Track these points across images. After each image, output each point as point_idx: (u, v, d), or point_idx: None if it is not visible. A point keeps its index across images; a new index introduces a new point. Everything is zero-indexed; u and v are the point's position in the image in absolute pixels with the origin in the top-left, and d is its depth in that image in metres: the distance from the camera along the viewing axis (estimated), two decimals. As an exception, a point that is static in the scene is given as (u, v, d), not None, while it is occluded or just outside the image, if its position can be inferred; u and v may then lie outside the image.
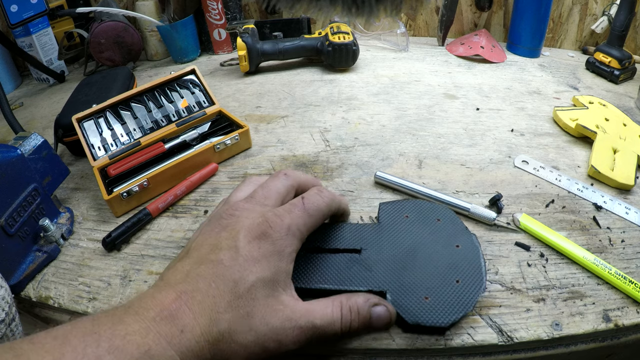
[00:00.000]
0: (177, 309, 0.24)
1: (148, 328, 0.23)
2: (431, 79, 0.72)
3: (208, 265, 0.26)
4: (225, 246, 0.28)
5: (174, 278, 0.26)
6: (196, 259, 0.27)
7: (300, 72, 0.77)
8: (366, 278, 0.33)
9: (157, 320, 0.23)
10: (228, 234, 0.29)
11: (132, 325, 0.23)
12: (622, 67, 0.70)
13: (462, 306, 0.31)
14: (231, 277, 0.26)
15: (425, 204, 0.40)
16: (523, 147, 0.53)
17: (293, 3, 0.20)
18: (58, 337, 0.21)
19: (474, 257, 0.34)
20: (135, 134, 0.53)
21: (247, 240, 0.28)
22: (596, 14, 0.81)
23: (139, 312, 0.23)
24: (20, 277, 0.38)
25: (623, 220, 0.42)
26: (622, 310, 0.34)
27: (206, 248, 0.28)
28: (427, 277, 0.33)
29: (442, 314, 0.30)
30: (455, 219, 0.38)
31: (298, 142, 0.56)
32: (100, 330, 0.22)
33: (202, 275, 0.26)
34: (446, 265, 0.34)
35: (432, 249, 0.35)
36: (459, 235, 0.36)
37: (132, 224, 0.42)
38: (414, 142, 0.55)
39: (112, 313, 0.24)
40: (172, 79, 0.57)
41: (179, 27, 0.80)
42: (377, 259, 0.34)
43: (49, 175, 0.43)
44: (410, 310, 0.31)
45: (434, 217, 0.38)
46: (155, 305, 0.24)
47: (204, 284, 0.25)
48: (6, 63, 0.82)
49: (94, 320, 0.23)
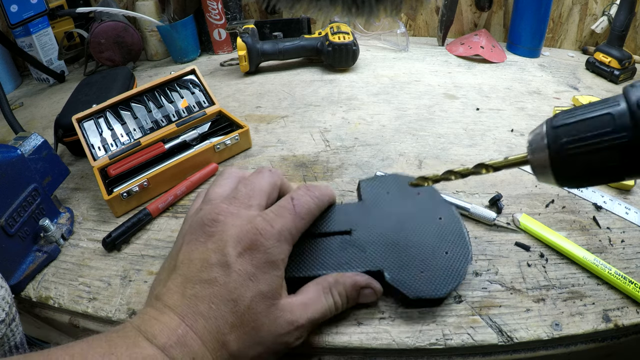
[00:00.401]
0: (184, 335, 0.23)
1: (163, 354, 0.23)
2: (431, 79, 0.72)
3: (203, 286, 0.25)
4: (216, 262, 0.26)
5: (170, 299, 0.25)
6: (187, 277, 0.26)
7: (300, 72, 0.77)
8: (362, 259, 0.33)
9: (167, 347, 0.23)
10: (215, 246, 0.27)
11: (147, 349, 0.22)
12: (622, 67, 0.70)
13: (455, 276, 0.32)
14: (229, 297, 0.25)
15: (403, 178, 0.40)
16: (523, 147, 0.53)
17: (293, 3, 0.20)
18: (75, 355, 0.21)
19: (457, 228, 0.35)
20: (135, 134, 0.53)
21: (237, 252, 0.27)
22: (596, 14, 0.81)
23: (149, 337, 0.23)
24: (21, 277, 0.38)
25: (623, 220, 0.42)
26: (622, 310, 0.34)
27: (196, 265, 0.26)
28: (419, 251, 0.34)
29: (438, 286, 0.32)
30: (433, 192, 0.39)
31: (298, 142, 0.56)
32: (118, 352, 0.22)
33: (199, 296, 0.25)
34: (434, 238, 0.35)
35: (418, 223, 0.36)
36: (440, 208, 0.37)
37: (132, 224, 0.42)
38: (414, 142, 0.55)
39: (124, 335, 0.23)
40: (172, 79, 0.57)
41: (179, 27, 0.80)
42: (369, 239, 0.35)
43: (49, 175, 0.43)
44: (409, 285, 0.32)
45: (414, 191, 0.39)
46: (162, 330, 0.23)
47: (204, 307, 0.25)
48: (6, 63, 0.82)
49: (109, 341, 0.23)
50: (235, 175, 0.34)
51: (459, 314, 0.33)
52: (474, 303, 0.34)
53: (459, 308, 0.34)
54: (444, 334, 0.32)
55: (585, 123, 0.22)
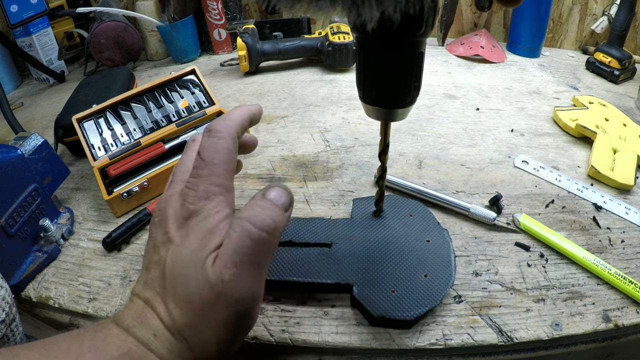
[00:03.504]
0: (145, 314, 0.25)
1: (126, 333, 0.24)
2: (431, 79, 0.72)
3: (156, 269, 0.26)
4: (161, 242, 0.27)
5: (137, 289, 0.27)
6: (146, 265, 0.27)
7: (300, 72, 0.77)
8: (334, 271, 0.33)
9: (132, 326, 0.24)
10: (161, 230, 0.27)
11: (113, 329, 0.24)
12: (622, 67, 0.70)
13: (429, 300, 0.31)
14: (175, 271, 0.25)
15: (398, 199, 0.40)
16: (523, 147, 0.53)
17: (293, 3, 0.20)
18: (47, 339, 0.23)
19: (445, 252, 0.35)
20: (135, 134, 0.53)
21: (176, 226, 0.27)
22: (596, 14, 0.81)
23: (117, 321, 0.25)
24: (21, 278, 0.38)
25: (623, 221, 0.42)
26: (622, 310, 0.34)
27: (149, 252, 0.28)
28: (396, 270, 0.33)
29: (408, 307, 0.31)
30: (427, 214, 0.39)
31: (298, 142, 0.56)
32: (85, 333, 0.23)
33: (154, 279, 0.26)
34: (415, 259, 0.34)
35: (403, 243, 0.36)
36: (430, 231, 0.37)
37: (132, 224, 0.42)
38: (414, 142, 0.55)
39: (98, 322, 0.25)
40: (172, 79, 0.57)
41: (179, 27, 0.80)
42: (346, 253, 0.35)
43: (49, 175, 0.43)
44: (375, 303, 0.31)
45: (406, 213, 0.39)
46: (128, 314, 0.25)
47: (159, 287, 0.26)
48: (6, 63, 0.82)
49: (82, 327, 0.25)
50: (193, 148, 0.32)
51: (459, 314, 0.33)
52: (474, 303, 0.34)
53: (459, 308, 0.34)
54: (444, 334, 0.32)
55: None
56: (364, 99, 0.29)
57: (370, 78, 0.28)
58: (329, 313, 0.34)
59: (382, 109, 0.29)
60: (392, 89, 0.27)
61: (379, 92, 0.28)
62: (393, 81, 0.27)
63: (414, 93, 0.28)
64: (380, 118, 0.30)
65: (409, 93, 0.28)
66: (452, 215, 0.43)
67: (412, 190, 0.44)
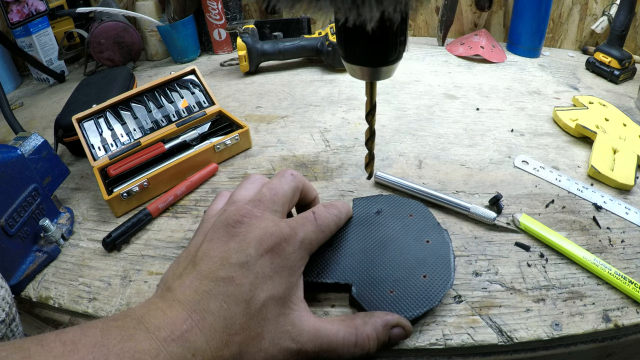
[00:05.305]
0: (189, 330, 0.23)
1: (159, 349, 0.22)
2: (431, 79, 0.72)
3: (219, 284, 0.25)
4: (236, 261, 0.26)
5: (182, 294, 0.25)
6: (204, 273, 0.26)
7: (300, 72, 0.77)
8: (334, 271, 0.33)
9: (169, 341, 0.22)
10: (238, 246, 0.27)
11: (142, 343, 0.22)
12: (622, 67, 0.70)
13: (427, 301, 0.31)
14: (243, 298, 0.25)
15: (398, 199, 0.40)
16: (523, 147, 0.53)
17: (293, 3, 0.20)
18: (67, 343, 0.21)
19: (444, 253, 0.35)
20: (135, 134, 0.53)
21: (258, 254, 0.27)
22: (596, 14, 0.81)
23: (150, 329, 0.23)
24: (21, 278, 0.38)
25: (623, 221, 0.42)
26: (622, 310, 0.34)
27: (215, 261, 0.26)
28: (394, 271, 0.33)
29: (405, 308, 0.31)
30: (427, 215, 0.38)
31: (298, 142, 0.56)
32: (110, 344, 0.21)
33: (213, 294, 0.25)
34: (414, 260, 0.34)
35: (402, 243, 0.35)
36: (430, 231, 0.37)
37: (132, 224, 0.42)
38: (414, 142, 0.55)
39: (122, 325, 0.23)
40: (172, 79, 0.57)
41: (179, 27, 0.80)
42: (346, 253, 0.35)
43: (49, 175, 0.43)
44: (373, 303, 0.31)
45: (406, 213, 0.39)
46: (167, 324, 0.23)
47: (215, 305, 0.24)
48: (6, 63, 0.82)
49: (104, 330, 0.22)
50: (259, 180, 0.35)
51: (458, 314, 0.33)
52: (474, 303, 0.34)
53: (459, 308, 0.34)
54: (444, 334, 0.32)
55: None
56: (347, 58, 0.27)
57: (352, 35, 0.26)
58: (329, 313, 0.34)
59: (366, 67, 0.27)
60: (377, 45, 0.25)
61: (363, 49, 0.26)
62: (377, 37, 0.25)
63: (400, 48, 0.26)
64: (365, 77, 0.28)
65: (394, 49, 0.26)
66: (452, 215, 0.43)
67: (412, 190, 0.44)
